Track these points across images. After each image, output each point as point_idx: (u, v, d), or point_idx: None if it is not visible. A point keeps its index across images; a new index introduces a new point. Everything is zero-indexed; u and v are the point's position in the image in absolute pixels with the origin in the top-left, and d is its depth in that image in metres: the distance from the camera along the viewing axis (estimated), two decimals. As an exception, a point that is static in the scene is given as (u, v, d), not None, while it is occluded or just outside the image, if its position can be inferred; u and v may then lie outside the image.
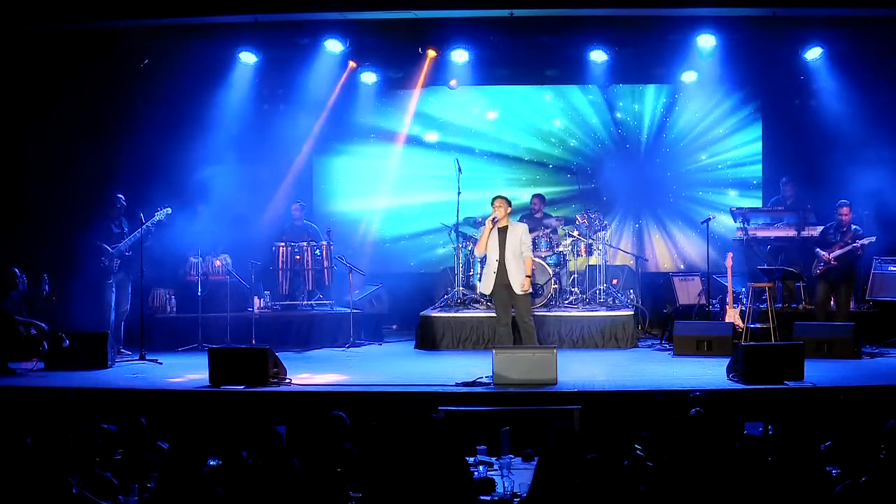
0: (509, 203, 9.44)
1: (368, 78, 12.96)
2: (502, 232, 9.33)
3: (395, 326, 13.03)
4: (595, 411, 7.49)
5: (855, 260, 10.57)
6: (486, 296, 11.65)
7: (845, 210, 10.60)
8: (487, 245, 9.34)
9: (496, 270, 9.30)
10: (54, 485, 4.62)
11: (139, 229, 10.27)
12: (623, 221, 13.74)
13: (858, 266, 10.77)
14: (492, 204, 9.38)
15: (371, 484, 5.16)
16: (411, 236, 13.97)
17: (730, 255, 10.85)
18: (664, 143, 13.70)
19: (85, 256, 10.37)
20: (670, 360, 10.06)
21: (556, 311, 11.26)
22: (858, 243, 10.42)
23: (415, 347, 11.34)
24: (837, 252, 10.51)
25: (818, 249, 10.71)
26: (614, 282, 12.40)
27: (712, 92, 13.09)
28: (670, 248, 13.83)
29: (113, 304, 10.40)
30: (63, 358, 9.37)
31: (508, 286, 9.34)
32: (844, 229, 10.60)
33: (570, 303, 11.57)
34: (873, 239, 10.50)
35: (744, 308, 10.66)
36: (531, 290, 9.70)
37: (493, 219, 9.29)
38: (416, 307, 12.10)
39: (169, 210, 10.49)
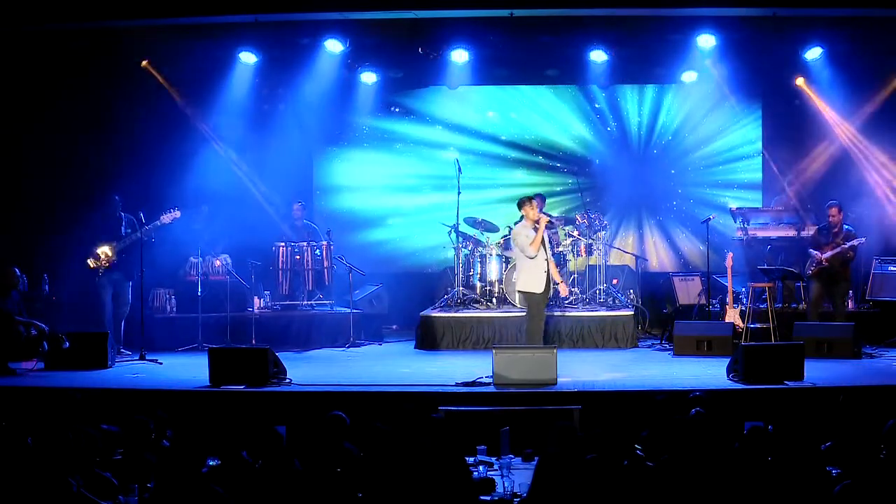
0: None
1: (368, 78, 12.95)
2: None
3: (395, 326, 13.02)
4: (595, 411, 7.48)
5: (847, 260, 10.55)
6: (486, 296, 11.71)
7: (834, 210, 10.57)
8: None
9: (546, 269, 9.41)
10: (54, 485, 4.62)
11: (139, 230, 10.25)
12: (623, 221, 13.73)
13: (853, 266, 10.76)
14: (530, 203, 9.45)
15: (372, 484, 5.16)
16: (411, 236, 13.97)
17: (730, 255, 10.84)
18: (664, 143, 13.70)
19: (76, 256, 10.38)
20: (670, 360, 10.06)
21: (556, 311, 11.25)
22: (847, 244, 10.41)
23: (415, 347, 11.34)
24: (829, 253, 10.49)
25: (811, 250, 10.70)
26: (614, 282, 12.40)
27: (712, 92, 13.09)
28: (670, 248, 13.83)
29: (108, 304, 10.38)
30: (63, 358, 9.37)
31: (551, 283, 9.56)
32: (836, 230, 10.58)
33: (570, 303, 11.57)
34: (863, 240, 10.49)
35: (744, 308, 10.66)
36: None
37: (549, 218, 9.48)
38: (416, 307, 12.09)
39: (178, 214, 10.44)
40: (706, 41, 11.40)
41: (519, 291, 9.69)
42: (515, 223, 12.17)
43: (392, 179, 13.93)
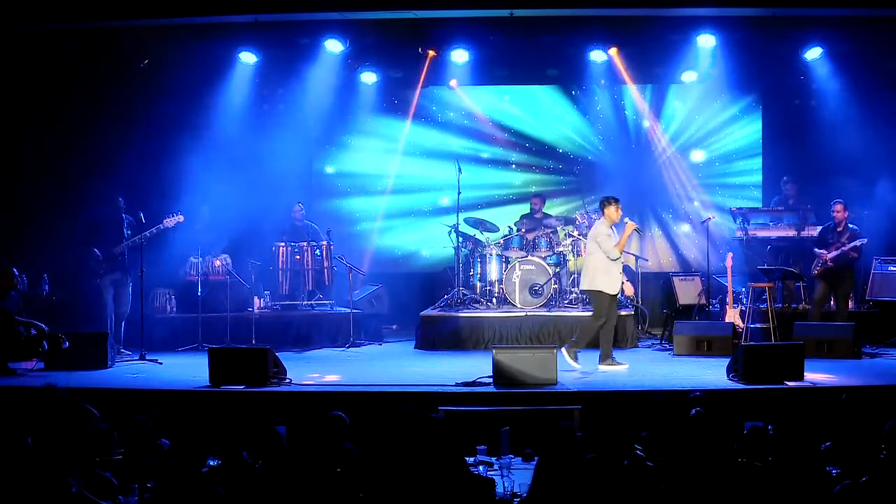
0: None
1: (368, 78, 12.96)
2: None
3: (395, 326, 13.02)
4: (595, 411, 7.48)
5: (851, 261, 10.55)
6: (486, 296, 11.70)
7: (839, 208, 10.59)
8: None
9: (620, 272, 9.43)
10: (54, 485, 4.62)
11: (141, 233, 10.23)
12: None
13: (856, 266, 10.76)
14: (615, 203, 9.41)
15: (372, 484, 5.16)
16: (411, 236, 13.97)
17: (730, 255, 10.84)
18: (664, 143, 13.70)
19: (76, 257, 10.37)
20: (670, 360, 10.06)
21: (556, 311, 11.26)
22: (850, 245, 10.41)
23: (415, 347, 11.33)
24: (834, 253, 10.50)
25: (816, 249, 10.70)
26: (614, 282, 12.38)
27: (712, 92, 13.09)
28: (670, 248, 13.83)
29: (110, 304, 10.37)
30: (63, 358, 9.36)
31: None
32: (840, 229, 10.59)
33: (570, 303, 11.57)
34: (865, 241, 10.50)
35: (744, 308, 10.66)
36: None
37: (635, 225, 9.51)
38: (416, 307, 12.10)
39: (181, 218, 10.42)
40: (706, 41, 11.41)
41: (592, 290, 9.44)
42: (515, 224, 12.29)
43: (392, 179, 13.93)
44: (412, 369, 9.61)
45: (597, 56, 11.98)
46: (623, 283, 9.80)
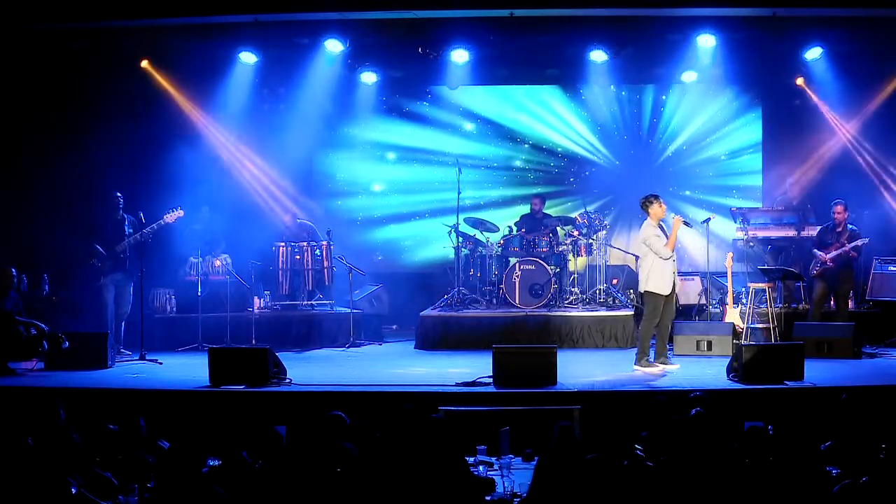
0: None
1: (368, 78, 12.96)
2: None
3: (395, 326, 13.02)
4: (595, 411, 7.47)
5: (851, 261, 10.56)
6: (486, 296, 11.69)
7: (839, 209, 10.59)
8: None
9: (674, 270, 9.37)
10: (54, 485, 4.62)
11: (141, 231, 10.23)
12: (623, 221, 13.70)
13: (856, 267, 10.77)
14: (657, 201, 9.31)
15: (372, 484, 5.15)
16: (411, 236, 13.97)
17: (730, 254, 10.84)
18: (664, 143, 13.70)
19: (77, 257, 10.38)
20: (670, 360, 10.03)
21: (556, 311, 11.26)
22: (849, 246, 10.42)
23: (415, 347, 11.33)
24: (833, 253, 10.50)
25: (815, 250, 10.71)
26: (614, 282, 12.41)
27: (712, 92, 13.09)
28: (670, 248, 13.81)
29: (111, 304, 10.37)
30: (63, 358, 9.36)
31: (676, 285, 9.46)
32: (840, 229, 10.60)
33: (570, 303, 11.57)
34: (867, 241, 10.50)
35: (744, 308, 10.66)
36: None
37: (683, 219, 9.49)
38: (416, 307, 12.09)
39: (181, 213, 10.40)
40: (706, 41, 11.40)
41: (645, 292, 9.34)
42: (515, 224, 12.28)
43: (392, 179, 13.94)
44: (412, 369, 9.61)
45: (597, 56, 11.97)
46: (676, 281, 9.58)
